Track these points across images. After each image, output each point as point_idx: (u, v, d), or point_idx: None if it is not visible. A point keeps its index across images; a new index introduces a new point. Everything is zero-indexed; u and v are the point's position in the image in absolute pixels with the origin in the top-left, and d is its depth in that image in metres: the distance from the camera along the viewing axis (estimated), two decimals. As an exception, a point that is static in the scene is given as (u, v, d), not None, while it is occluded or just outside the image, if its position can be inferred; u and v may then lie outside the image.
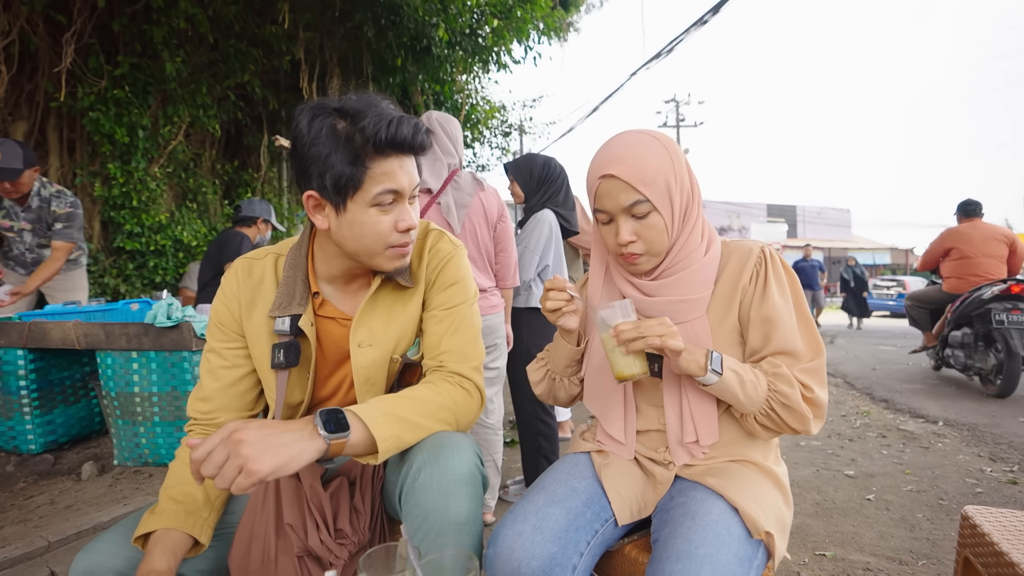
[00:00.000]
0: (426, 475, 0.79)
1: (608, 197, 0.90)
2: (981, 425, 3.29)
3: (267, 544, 0.85)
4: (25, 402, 2.25)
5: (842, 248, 29.83)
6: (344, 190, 0.81)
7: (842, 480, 2.48)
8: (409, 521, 0.80)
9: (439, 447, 0.83)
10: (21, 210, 2.71)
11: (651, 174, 0.88)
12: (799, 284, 0.95)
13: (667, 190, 0.90)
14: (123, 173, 4.20)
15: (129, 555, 0.78)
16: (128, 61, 4.12)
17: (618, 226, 0.91)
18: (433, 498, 0.78)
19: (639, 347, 0.83)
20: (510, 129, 8.88)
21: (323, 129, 0.80)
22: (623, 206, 0.89)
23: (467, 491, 0.80)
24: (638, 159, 0.89)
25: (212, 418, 0.94)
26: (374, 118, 0.80)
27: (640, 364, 0.88)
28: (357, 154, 0.80)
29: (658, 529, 0.84)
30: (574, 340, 1.02)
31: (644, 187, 0.88)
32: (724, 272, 0.95)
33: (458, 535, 0.78)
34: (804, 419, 0.87)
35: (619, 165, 0.88)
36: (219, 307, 0.95)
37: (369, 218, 0.83)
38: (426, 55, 4.84)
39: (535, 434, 2.21)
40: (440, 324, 0.96)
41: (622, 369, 0.88)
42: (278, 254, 0.99)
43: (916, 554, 1.79)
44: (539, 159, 2.31)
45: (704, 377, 0.85)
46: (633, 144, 0.91)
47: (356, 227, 0.84)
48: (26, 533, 1.61)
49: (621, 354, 0.87)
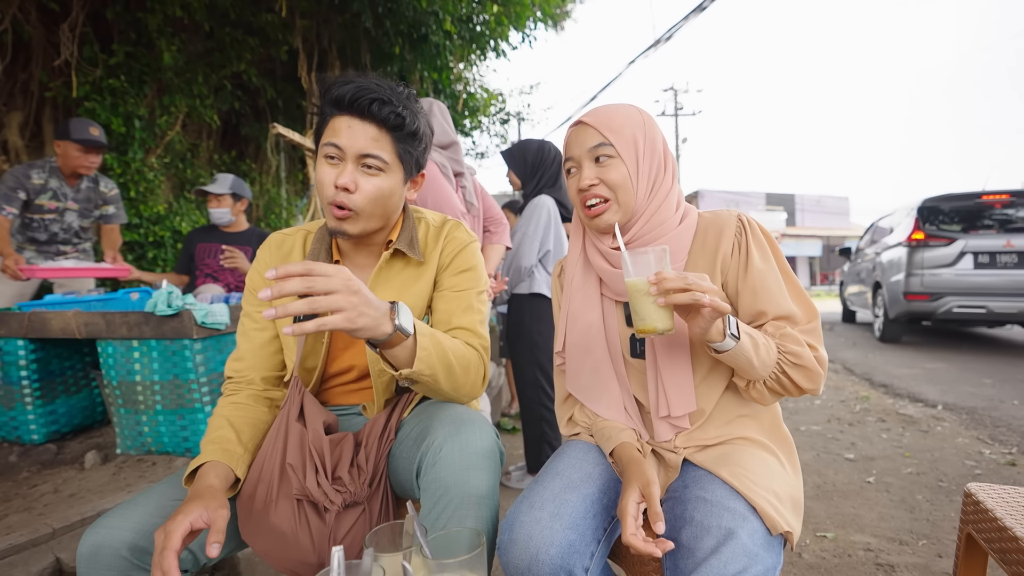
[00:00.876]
0: (448, 449, 0.81)
1: (575, 143, 0.95)
2: (980, 408, 3.31)
3: (271, 484, 0.88)
4: (27, 392, 2.25)
5: (841, 236, 29.82)
6: (316, 142, 0.96)
7: (842, 463, 2.49)
8: (428, 495, 0.81)
9: (459, 422, 0.85)
10: (71, 190, 2.73)
11: (618, 124, 0.92)
12: (780, 249, 0.94)
13: (633, 144, 0.92)
14: (120, 164, 4.17)
15: (137, 527, 0.78)
16: (123, 50, 4.08)
17: (581, 172, 0.94)
18: (455, 471, 0.80)
19: (683, 300, 0.74)
20: (508, 117, 8.83)
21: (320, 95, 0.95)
22: (587, 148, 0.93)
23: (487, 465, 0.83)
24: (608, 111, 0.94)
25: (244, 375, 1.02)
26: (335, 81, 0.92)
27: (670, 319, 0.79)
28: (323, 111, 0.94)
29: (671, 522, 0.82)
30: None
31: (609, 133, 0.92)
32: (699, 242, 0.95)
33: (478, 508, 0.80)
34: (816, 376, 0.86)
35: (591, 116, 0.94)
36: (253, 275, 1.05)
37: (321, 169, 0.93)
38: (423, 43, 4.80)
39: (538, 420, 2.22)
40: (450, 303, 1.01)
41: (652, 322, 0.79)
42: (308, 231, 1.09)
43: (916, 534, 1.80)
44: (532, 144, 2.30)
45: (722, 342, 0.80)
46: (609, 104, 0.97)
47: (316, 179, 0.95)
48: (31, 521, 1.62)
49: (653, 305, 0.78)
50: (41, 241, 2.79)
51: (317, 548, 0.85)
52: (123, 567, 0.76)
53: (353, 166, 0.91)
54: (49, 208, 2.71)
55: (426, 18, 4.47)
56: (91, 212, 2.84)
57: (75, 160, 2.63)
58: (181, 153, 4.82)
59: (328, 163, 0.92)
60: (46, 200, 2.68)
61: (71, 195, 2.73)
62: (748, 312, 0.91)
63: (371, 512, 0.90)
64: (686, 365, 0.92)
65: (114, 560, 0.76)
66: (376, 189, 0.93)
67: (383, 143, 0.92)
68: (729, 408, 0.95)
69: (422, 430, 0.89)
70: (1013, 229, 5.01)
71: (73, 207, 2.76)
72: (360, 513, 0.89)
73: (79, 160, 2.64)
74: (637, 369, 0.98)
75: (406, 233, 1.03)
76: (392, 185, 0.96)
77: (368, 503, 0.90)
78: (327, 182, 0.92)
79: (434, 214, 1.12)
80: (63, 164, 2.65)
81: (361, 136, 0.91)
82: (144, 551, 0.78)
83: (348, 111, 0.91)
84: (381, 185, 0.94)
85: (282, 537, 0.85)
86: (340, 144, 0.91)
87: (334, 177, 0.91)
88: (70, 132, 2.59)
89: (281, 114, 5.60)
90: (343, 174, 0.91)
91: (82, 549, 0.76)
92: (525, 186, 2.29)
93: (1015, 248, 4.93)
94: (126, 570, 0.77)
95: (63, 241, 2.83)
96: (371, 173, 0.93)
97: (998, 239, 5.01)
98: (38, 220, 2.74)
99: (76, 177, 2.72)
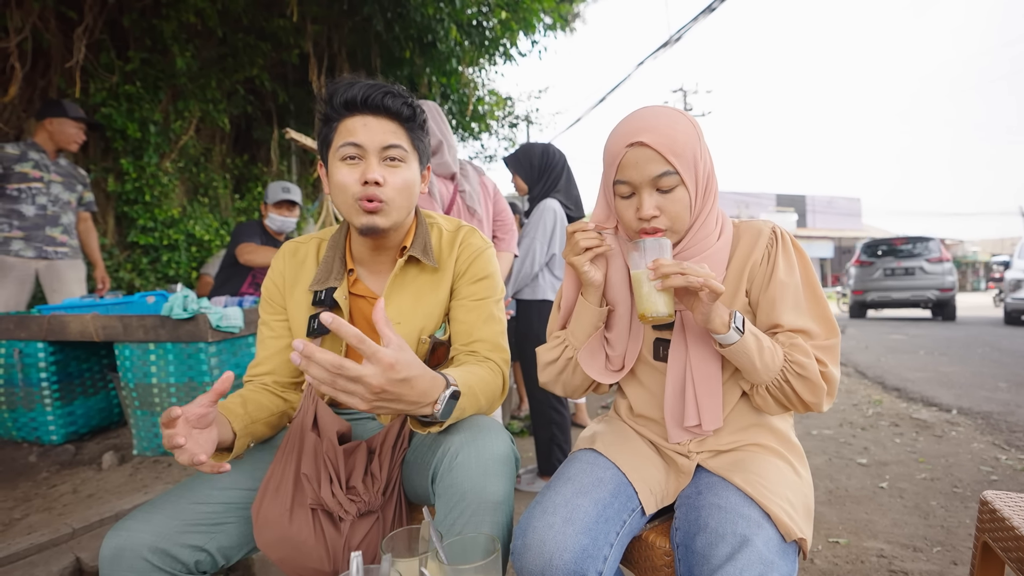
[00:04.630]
0: (464, 455, 0.82)
1: (634, 167, 0.87)
2: (996, 413, 3.26)
3: (285, 494, 0.89)
4: (46, 393, 2.29)
5: (852, 238, 29.51)
6: (324, 147, 0.97)
7: (855, 468, 2.47)
8: (444, 501, 0.81)
9: (475, 429, 0.86)
10: (52, 163, 2.78)
11: (682, 146, 0.86)
12: (810, 263, 0.94)
13: (694, 165, 0.88)
14: (135, 168, 4.24)
15: (158, 530, 0.80)
16: (139, 56, 4.14)
17: (641, 199, 0.88)
18: (472, 477, 0.80)
19: (678, 283, 0.79)
20: (517, 120, 8.84)
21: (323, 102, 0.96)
22: (650, 177, 0.86)
23: (504, 471, 0.83)
24: (670, 129, 0.86)
25: (262, 379, 1.03)
26: (339, 85, 0.93)
27: (669, 304, 0.84)
28: (328, 115, 0.94)
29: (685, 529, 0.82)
30: (597, 299, 0.96)
31: (674, 158, 0.85)
32: (735, 254, 0.94)
33: (494, 514, 0.80)
34: (819, 391, 0.86)
35: (650, 134, 0.85)
36: (268, 284, 1.07)
37: (338, 171, 0.93)
38: (433, 48, 4.83)
39: (548, 423, 2.22)
40: (470, 313, 1.01)
41: (650, 307, 0.84)
42: (321, 238, 1.10)
43: (930, 541, 1.78)
44: (537, 148, 2.30)
45: (726, 335, 0.82)
46: (663, 116, 0.88)
47: (333, 183, 0.95)
48: (51, 521, 1.65)
49: (653, 291, 0.83)
50: (27, 218, 2.68)
51: (332, 556, 0.86)
52: (145, 569, 0.78)
53: (376, 161, 0.93)
54: (34, 176, 2.70)
55: (435, 24, 4.50)
56: (75, 187, 2.89)
57: (71, 136, 2.75)
58: (195, 157, 4.88)
59: (347, 164, 0.93)
60: (29, 168, 2.69)
61: (53, 168, 2.78)
62: (764, 322, 0.92)
63: (385, 519, 0.91)
64: (718, 380, 0.92)
65: (136, 562, 0.78)
66: (403, 180, 0.95)
67: (399, 134, 0.95)
68: (744, 415, 0.95)
69: (437, 436, 0.89)
70: (902, 256, 9.71)
71: (56, 178, 2.79)
72: (374, 521, 0.90)
73: (75, 136, 2.77)
74: (657, 370, 0.99)
75: (420, 239, 1.03)
76: (414, 175, 0.98)
77: (382, 511, 0.91)
78: (349, 181, 0.92)
79: (448, 219, 1.11)
80: (49, 140, 2.74)
81: (379, 131, 0.92)
82: (166, 554, 0.79)
83: (361, 111, 0.92)
84: (406, 176, 0.96)
85: (298, 546, 0.86)
86: (360, 142, 0.91)
87: (358, 175, 0.92)
88: (67, 111, 2.74)
89: (293, 118, 5.65)
90: (370, 169, 0.92)
91: (104, 551, 0.78)
92: (532, 190, 2.29)
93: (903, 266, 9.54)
94: (148, 572, 0.78)
95: (52, 219, 2.77)
96: (394, 165, 0.95)
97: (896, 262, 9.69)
98: (24, 190, 2.67)
99: (56, 154, 2.80)
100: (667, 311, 0.84)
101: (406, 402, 0.71)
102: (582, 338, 0.99)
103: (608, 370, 1.00)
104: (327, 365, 0.64)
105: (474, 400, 0.86)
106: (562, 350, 1.02)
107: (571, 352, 1.00)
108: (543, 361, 1.05)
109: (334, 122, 0.94)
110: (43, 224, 2.76)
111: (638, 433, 1.03)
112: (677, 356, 0.94)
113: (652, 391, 1.00)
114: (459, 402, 0.80)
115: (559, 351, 1.02)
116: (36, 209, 2.72)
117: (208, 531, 0.85)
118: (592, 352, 0.99)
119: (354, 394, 0.66)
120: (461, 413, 0.83)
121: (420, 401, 0.73)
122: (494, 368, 0.96)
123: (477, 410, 0.89)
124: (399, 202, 0.95)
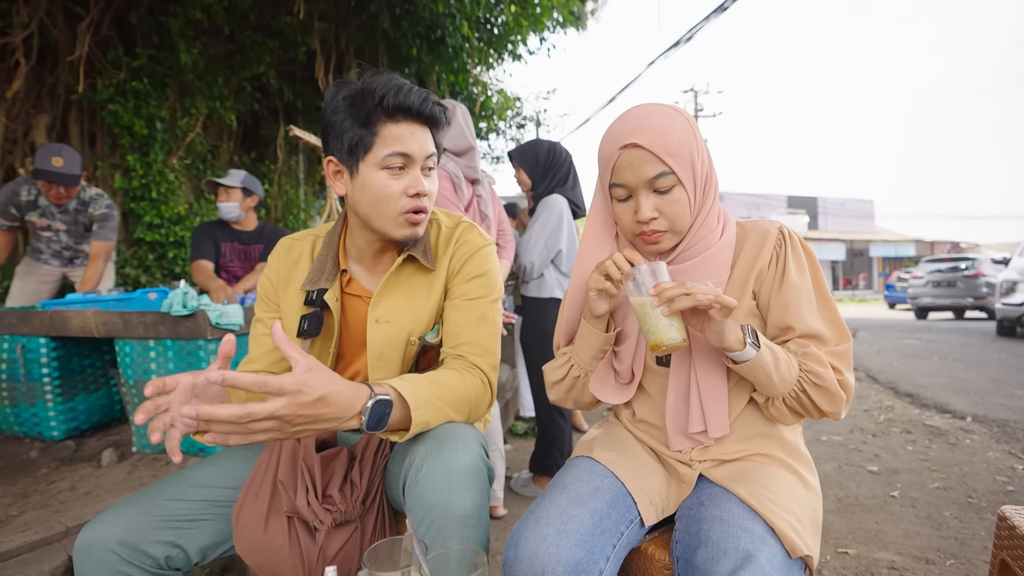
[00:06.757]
0: (428, 467, 0.78)
1: (629, 169, 0.84)
2: (1012, 421, 3.18)
3: (263, 500, 0.87)
4: (48, 389, 2.29)
5: (865, 240, 29.18)
6: (356, 152, 0.88)
7: (865, 476, 2.41)
8: (412, 514, 0.78)
9: (441, 438, 0.81)
10: (58, 211, 2.67)
11: (676, 145, 0.83)
12: (819, 265, 0.90)
13: (691, 163, 0.84)
14: (142, 165, 4.25)
15: (130, 524, 0.79)
16: (146, 53, 4.16)
17: (638, 202, 0.85)
18: (436, 491, 0.76)
19: (685, 304, 0.74)
20: (525, 121, 8.81)
21: (343, 98, 0.88)
22: (646, 178, 0.83)
23: (472, 483, 0.79)
24: (663, 129, 0.83)
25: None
26: (384, 86, 0.87)
27: (681, 329, 0.79)
28: (368, 118, 0.87)
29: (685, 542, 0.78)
30: (603, 326, 0.92)
31: (670, 158, 0.82)
32: (741, 255, 0.91)
33: (462, 529, 0.76)
34: (838, 400, 0.83)
35: (643, 134, 0.83)
36: (264, 281, 1.04)
37: (379, 181, 0.88)
38: (441, 45, 4.80)
39: (551, 424, 2.20)
40: (461, 313, 0.97)
41: (662, 336, 0.78)
42: (317, 235, 1.07)
43: (944, 553, 1.73)
44: (544, 144, 2.26)
45: (742, 352, 0.78)
46: (655, 115, 0.85)
47: (368, 190, 0.89)
48: (46, 518, 1.63)
49: (660, 318, 0.78)
50: (53, 254, 2.81)
51: (307, 566, 0.84)
52: (112, 561, 0.77)
53: (419, 172, 0.91)
54: (41, 226, 2.68)
55: (443, 20, 4.47)
56: (80, 232, 2.75)
57: (50, 195, 2.54)
58: (202, 154, 4.90)
59: (392, 173, 0.89)
60: (36, 217, 2.65)
61: (58, 215, 2.67)
62: (775, 326, 0.88)
63: (364, 530, 0.88)
64: (723, 385, 0.89)
65: (104, 555, 0.77)
66: (436, 188, 0.95)
67: (432, 142, 0.94)
68: (749, 424, 0.91)
69: (405, 445, 0.86)
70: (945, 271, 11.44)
71: (61, 227, 2.70)
72: (352, 531, 0.87)
73: (46, 191, 2.53)
74: (660, 375, 0.95)
75: (421, 240, 1.00)
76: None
77: (361, 521, 0.88)
78: (394, 193, 0.89)
79: (449, 215, 1.07)
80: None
81: (423, 139, 0.91)
82: (135, 548, 0.79)
83: (411, 117, 0.88)
84: (437, 183, 0.96)
85: (273, 554, 0.84)
86: (410, 152, 0.88)
87: (403, 187, 0.89)
88: (35, 162, 2.42)
89: (300, 115, 5.65)
90: (419, 181, 0.90)
91: (78, 544, 0.78)
92: (536, 186, 2.25)
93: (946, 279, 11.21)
94: (115, 564, 0.78)
95: (70, 260, 2.84)
96: (429, 175, 0.94)
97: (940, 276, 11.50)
98: (40, 236, 2.74)
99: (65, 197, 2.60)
100: (681, 336, 0.79)
101: (327, 420, 0.70)
102: (587, 359, 0.96)
103: (619, 385, 0.97)
104: (233, 419, 0.62)
105: (436, 411, 0.82)
106: (568, 369, 0.99)
107: (577, 371, 0.98)
108: (550, 380, 1.03)
109: (375, 126, 0.87)
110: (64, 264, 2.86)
111: (639, 440, 0.99)
112: (680, 360, 0.91)
113: (655, 396, 0.97)
114: (419, 415, 0.78)
115: (565, 370, 0.99)
116: (52, 254, 2.82)
117: (183, 527, 0.83)
118: (602, 378, 0.97)
119: (270, 431, 0.66)
120: (424, 425, 0.80)
121: (342, 416, 0.71)
122: (478, 375, 0.92)
123: (445, 420, 0.85)
124: (431, 210, 0.95)
